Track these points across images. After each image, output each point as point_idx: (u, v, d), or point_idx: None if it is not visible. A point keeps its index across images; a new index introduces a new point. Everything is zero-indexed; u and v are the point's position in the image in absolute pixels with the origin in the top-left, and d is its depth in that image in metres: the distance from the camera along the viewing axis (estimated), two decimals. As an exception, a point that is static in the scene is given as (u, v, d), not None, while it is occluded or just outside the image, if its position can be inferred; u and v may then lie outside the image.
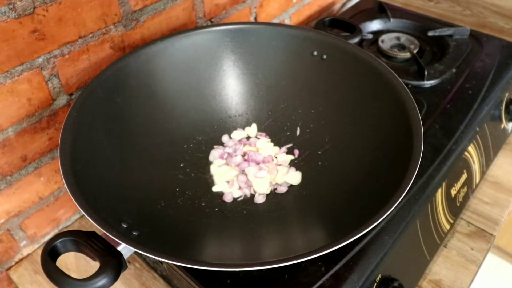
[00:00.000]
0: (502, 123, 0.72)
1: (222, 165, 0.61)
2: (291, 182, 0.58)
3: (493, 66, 0.74)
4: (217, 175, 0.60)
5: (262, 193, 0.57)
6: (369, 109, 0.57)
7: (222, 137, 0.64)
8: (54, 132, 0.60)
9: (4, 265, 0.62)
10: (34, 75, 0.54)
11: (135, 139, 0.57)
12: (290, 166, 0.61)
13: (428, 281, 0.58)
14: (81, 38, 0.57)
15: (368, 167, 0.53)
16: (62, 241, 0.42)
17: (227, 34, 0.64)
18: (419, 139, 0.47)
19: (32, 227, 0.63)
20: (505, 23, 0.99)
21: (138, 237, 0.44)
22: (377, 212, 0.41)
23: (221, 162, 0.61)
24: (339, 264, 0.48)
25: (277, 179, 0.59)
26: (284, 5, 0.90)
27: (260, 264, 0.39)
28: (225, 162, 0.61)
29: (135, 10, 0.62)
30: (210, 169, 0.61)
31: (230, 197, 0.57)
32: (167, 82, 0.62)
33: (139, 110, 0.59)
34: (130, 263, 0.61)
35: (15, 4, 0.49)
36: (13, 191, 0.58)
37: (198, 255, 0.48)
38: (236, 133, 0.64)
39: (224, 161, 0.61)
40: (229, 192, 0.58)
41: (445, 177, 0.59)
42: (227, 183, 0.59)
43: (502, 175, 0.71)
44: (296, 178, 0.59)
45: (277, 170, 0.59)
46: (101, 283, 0.38)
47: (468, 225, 0.64)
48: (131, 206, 0.49)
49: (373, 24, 0.85)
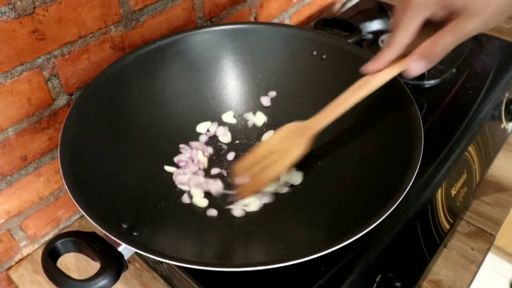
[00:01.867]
0: (502, 123, 0.72)
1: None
2: (292, 182, 0.58)
3: (493, 66, 0.74)
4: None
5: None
6: (369, 109, 0.57)
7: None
8: (54, 132, 0.60)
9: (4, 265, 0.62)
10: (34, 75, 0.54)
11: (135, 139, 0.57)
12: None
13: (428, 281, 0.58)
14: (81, 38, 0.57)
15: (368, 167, 0.53)
16: (62, 242, 0.42)
17: (227, 34, 0.64)
18: (419, 139, 0.47)
19: (32, 227, 0.63)
20: (505, 23, 0.99)
21: (139, 238, 0.44)
22: (377, 212, 0.41)
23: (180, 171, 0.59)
24: (339, 264, 0.48)
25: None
26: (284, 5, 0.90)
27: (260, 264, 0.39)
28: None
29: (135, 10, 0.62)
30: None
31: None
32: (167, 82, 0.62)
33: (139, 110, 0.59)
34: (130, 263, 0.61)
35: (15, 4, 0.49)
36: (13, 191, 0.58)
37: (198, 255, 0.48)
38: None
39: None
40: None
41: (445, 177, 0.59)
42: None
43: (502, 175, 0.71)
44: (297, 178, 0.59)
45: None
46: (102, 284, 0.39)
47: (468, 225, 0.64)
48: (131, 207, 0.49)
49: (373, 24, 0.85)
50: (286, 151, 0.53)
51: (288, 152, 0.53)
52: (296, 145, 0.52)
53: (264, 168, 0.54)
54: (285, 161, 0.53)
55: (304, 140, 0.52)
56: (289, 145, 0.53)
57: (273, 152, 0.54)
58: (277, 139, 0.55)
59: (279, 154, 0.54)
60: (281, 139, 0.54)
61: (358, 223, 0.41)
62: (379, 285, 0.50)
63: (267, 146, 0.55)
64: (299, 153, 0.52)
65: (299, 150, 0.52)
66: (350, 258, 0.48)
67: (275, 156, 0.54)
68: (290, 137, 0.53)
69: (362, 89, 0.48)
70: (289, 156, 0.53)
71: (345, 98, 0.49)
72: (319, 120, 0.51)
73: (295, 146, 0.52)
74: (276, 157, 0.54)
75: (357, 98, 0.49)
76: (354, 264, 0.48)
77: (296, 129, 0.53)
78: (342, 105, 0.50)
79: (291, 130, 0.54)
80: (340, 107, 0.50)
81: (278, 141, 0.54)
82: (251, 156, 0.55)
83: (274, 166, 0.54)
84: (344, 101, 0.50)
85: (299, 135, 0.52)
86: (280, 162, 0.53)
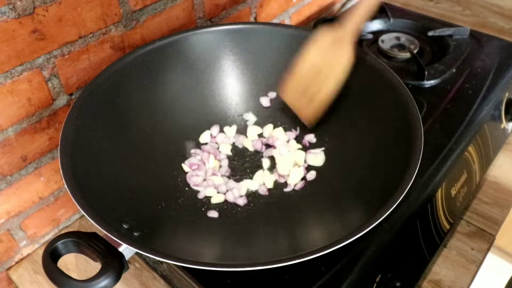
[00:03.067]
0: (502, 123, 0.72)
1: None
2: (315, 164, 0.59)
3: (493, 66, 0.74)
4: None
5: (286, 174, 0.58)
6: (369, 109, 0.57)
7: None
8: (54, 132, 0.60)
9: (4, 265, 0.62)
10: (34, 75, 0.54)
11: (135, 139, 0.57)
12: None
13: (428, 281, 0.58)
14: (81, 38, 0.57)
15: (367, 167, 0.53)
16: (63, 242, 0.42)
17: (227, 34, 0.64)
18: (419, 139, 0.47)
19: (32, 227, 0.63)
20: (505, 23, 0.99)
21: (139, 238, 0.44)
22: (377, 212, 0.41)
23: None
24: (339, 264, 0.48)
25: (299, 161, 0.59)
26: (284, 5, 0.90)
27: (260, 264, 0.39)
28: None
29: (135, 10, 0.62)
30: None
31: (231, 197, 0.57)
32: (167, 82, 0.62)
33: (139, 110, 0.59)
34: (130, 263, 0.61)
35: (15, 4, 0.49)
36: (13, 191, 0.58)
37: (198, 255, 0.48)
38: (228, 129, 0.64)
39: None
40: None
41: (445, 177, 0.59)
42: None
43: (502, 175, 0.71)
44: (320, 160, 0.59)
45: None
46: (103, 284, 0.39)
47: (468, 225, 0.64)
48: (131, 207, 0.49)
49: (373, 24, 0.85)
50: (331, 64, 0.51)
51: (335, 64, 0.51)
52: (341, 54, 0.50)
53: (318, 86, 0.52)
54: (338, 71, 0.51)
55: (347, 46, 0.50)
56: (333, 57, 0.51)
57: (317, 68, 0.52)
58: (316, 54, 0.52)
59: (326, 68, 0.52)
60: (320, 53, 0.52)
61: (357, 224, 0.41)
62: (379, 285, 0.50)
63: (308, 64, 0.53)
64: (348, 59, 0.50)
65: (347, 57, 0.50)
66: (350, 258, 0.48)
67: (322, 72, 0.52)
68: (331, 49, 0.51)
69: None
70: (339, 67, 0.51)
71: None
72: (353, 20, 0.50)
73: (341, 55, 0.50)
74: (325, 72, 0.51)
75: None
76: (354, 264, 0.48)
77: (333, 38, 0.51)
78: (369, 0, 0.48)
79: (328, 42, 0.51)
80: (368, 2, 0.49)
81: (318, 56, 0.52)
82: (295, 78, 0.53)
83: (328, 80, 0.52)
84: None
85: (340, 43, 0.50)
86: (332, 74, 0.51)
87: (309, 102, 0.53)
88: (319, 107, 0.54)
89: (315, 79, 0.52)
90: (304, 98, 0.54)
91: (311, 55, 0.53)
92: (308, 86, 0.53)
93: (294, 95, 0.55)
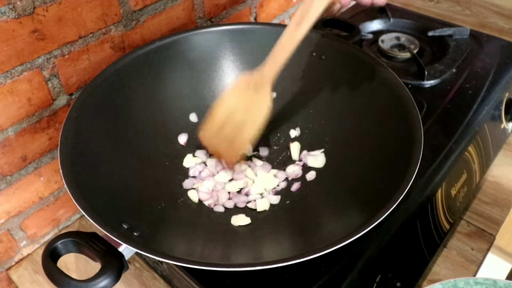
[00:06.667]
0: (502, 123, 0.72)
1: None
2: (315, 166, 0.59)
3: (493, 66, 0.74)
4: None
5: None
6: (369, 109, 0.57)
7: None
8: (54, 132, 0.60)
9: (4, 265, 0.62)
10: (34, 75, 0.54)
11: (135, 139, 0.57)
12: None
13: (428, 281, 0.58)
14: (81, 38, 0.57)
15: (367, 167, 0.53)
16: (63, 242, 0.42)
17: (227, 34, 0.64)
18: (419, 139, 0.47)
19: (32, 227, 0.63)
20: (505, 23, 0.99)
21: (139, 238, 0.44)
22: (377, 212, 0.41)
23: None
24: (339, 264, 0.48)
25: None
26: (284, 5, 0.90)
27: (261, 264, 0.39)
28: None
29: (135, 10, 0.62)
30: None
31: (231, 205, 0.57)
32: (167, 82, 0.62)
33: (139, 110, 0.59)
34: (130, 263, 0.61)
35: (15, 4, 0.49)
36: (13, 191, 0.58)
37: (198, 255, 0.48)
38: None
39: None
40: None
41: (445, 177, 0.59)
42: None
43: (502, 175, 0.71)
44: (320, 162, 0.59)
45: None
46: (103, 284, 0.39)
47: (468, 225, 0.64)
48: (131, 207, 0.49)
49: (373, 24, 0.85)
50: (249, 108, 0.51)
51: (253, 108, 0.51)
52: (259, 99, 0.50)
53: (236, 131, 0.52)
54: (257, 117, 0.51)
55: (265, 92, 0.50)
56: (251, 101, 0.51)
57: (234, 111, 0.51)
58: (233, 97, 0.52)
59: (243, 112, 0.51)
60: (237, 96, 0.52)
61: (357, 223, 0.41)
62: (379, 285, 0.50)
63: (225, 106, 0.52)
64: (267, 106, 0.50)
65: (266, 103, 0.50)
66: (350, 258, 0.48)
67: (239, 116, 0.51)
68: (248, 92, 0.51)
69: (303, 22, 0.47)
70: (258, 113, 0.51)
71: (290, 35, 0.48)
72: (271, 64, 0.49)
73: (260, 101, 0.50)
74: (242, 116, 0.51)
75: (301, 32, 0.47)
76: (354, 264, 0.48)
77: (249, 82, 0.51)
78: (289, 44, 0.48)
79: (245, 85, 0.51)
80: (287, 46, 0.48)
81: (235, 99, 0.52)
82: (212, 121, 0.53)
83: (247, 126, 0.52)
84: (290, 39, 0.48)
85: (257, 87, 0.50)
86: (251, 119, 0.51)
87: (230, 145, 0.53)
88: (240, 150, 0.54)
89: (234, 123, 0.52)
90: (225, 142, 0.53)
91: (227, 99, 0.53)
92: (226, 130, 0.53)
93: (214, 139, 0.55)
